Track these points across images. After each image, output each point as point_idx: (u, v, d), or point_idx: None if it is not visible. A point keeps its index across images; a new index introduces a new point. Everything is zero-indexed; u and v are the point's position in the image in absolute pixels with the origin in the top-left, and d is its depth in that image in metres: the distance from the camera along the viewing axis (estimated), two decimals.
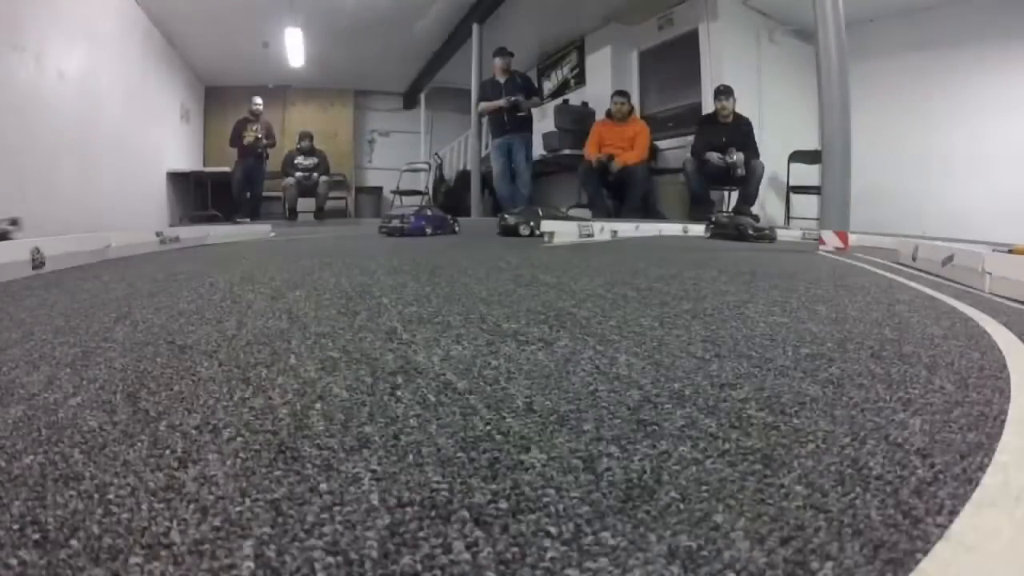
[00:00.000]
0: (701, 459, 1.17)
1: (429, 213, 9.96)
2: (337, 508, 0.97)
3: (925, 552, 0.86)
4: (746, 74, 11.94)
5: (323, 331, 2.30)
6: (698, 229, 10.89)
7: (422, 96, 19.62)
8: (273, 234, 9.55)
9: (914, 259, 5.59)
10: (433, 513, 0.96)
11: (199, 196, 14.24)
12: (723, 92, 11.41)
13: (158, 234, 6.74)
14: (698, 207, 12.10)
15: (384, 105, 19.76)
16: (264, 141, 14.58)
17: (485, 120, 15.23)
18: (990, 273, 3.81)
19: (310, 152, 15.05)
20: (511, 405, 1.48)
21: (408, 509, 0.97)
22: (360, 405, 1.47)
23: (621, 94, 13.44)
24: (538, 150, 15.36)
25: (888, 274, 4.85)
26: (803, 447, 1.23)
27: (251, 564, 0.82)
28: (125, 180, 10.13)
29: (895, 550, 0.86)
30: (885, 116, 11.25)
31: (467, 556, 0.84)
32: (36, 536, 0.89)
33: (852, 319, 2.66)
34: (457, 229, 10.11)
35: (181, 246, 6.96)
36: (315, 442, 1.24)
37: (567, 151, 14.59)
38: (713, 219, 10.56)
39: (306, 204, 15.34)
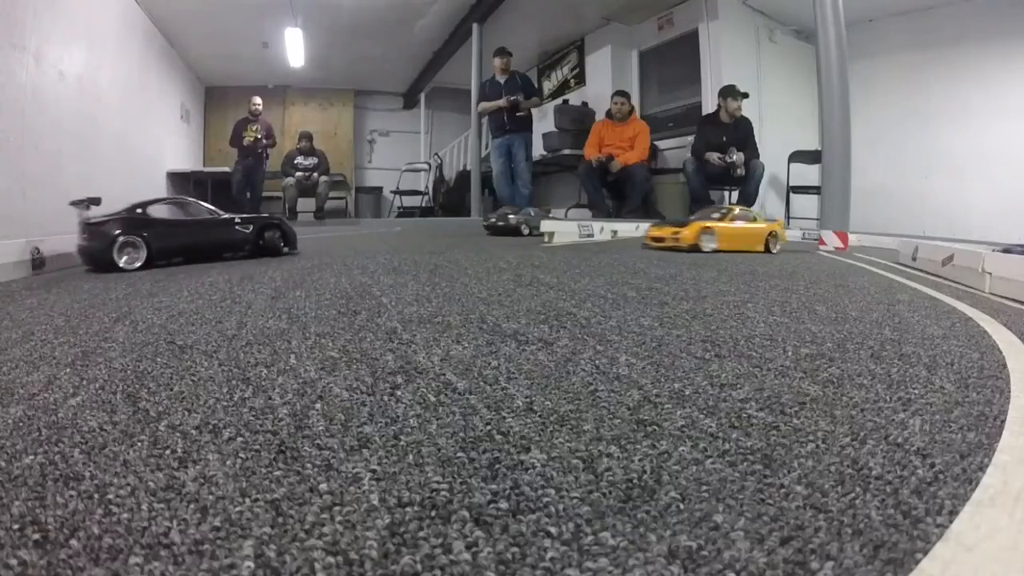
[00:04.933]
0: (701, 459, 1.17)
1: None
2: (337, 508, 0.97)
3: (925, 552, 0.86)
4: (746, 74, 11.93)
5: (323, 331, 2.30)
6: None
7: (422, 96, 19.63)
8: None
9: (914, 259, 5.59)
10: (433, 513, 0.96)
11: (199, 196, 14.22)
12: (741, 94, 11.33)
13: None
14: (698, 207, 12.14)
15: (384, 105, 19.77)
16: (264, 141, 14.59)
17: (485, 120, 15.24)
18: (990, 273, 3.82)
19: (310, 152, 15.07)
20: (511, 405, 1.47)
21: (408, 509, 0.97)
22: (360, 405, 1.47)
23: (621, 94, 13.45)
24: (538, 150, 15.37)
25: (888, 274, 4.85)
26: (803, 447, 1.23)
27: (251, 564, 0.82)
28: (125, 180, 10.11)
29: (895, 550, 0.86)
30: (885, 116, 11.25)
31: (467, 556, 0.84)
32: (36, 536, 0.88)
33: (852, 319, 2.66)
34: None
35: None
36: (315, 442, 1.24)
37: (567, 151, 14.60)
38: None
39: (306, 204, 15.36)
